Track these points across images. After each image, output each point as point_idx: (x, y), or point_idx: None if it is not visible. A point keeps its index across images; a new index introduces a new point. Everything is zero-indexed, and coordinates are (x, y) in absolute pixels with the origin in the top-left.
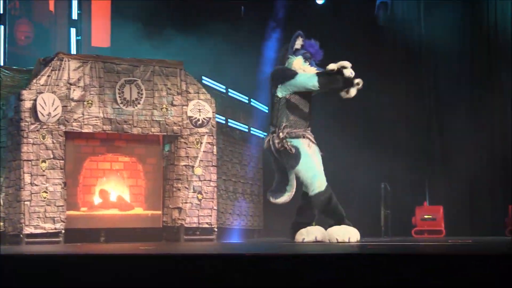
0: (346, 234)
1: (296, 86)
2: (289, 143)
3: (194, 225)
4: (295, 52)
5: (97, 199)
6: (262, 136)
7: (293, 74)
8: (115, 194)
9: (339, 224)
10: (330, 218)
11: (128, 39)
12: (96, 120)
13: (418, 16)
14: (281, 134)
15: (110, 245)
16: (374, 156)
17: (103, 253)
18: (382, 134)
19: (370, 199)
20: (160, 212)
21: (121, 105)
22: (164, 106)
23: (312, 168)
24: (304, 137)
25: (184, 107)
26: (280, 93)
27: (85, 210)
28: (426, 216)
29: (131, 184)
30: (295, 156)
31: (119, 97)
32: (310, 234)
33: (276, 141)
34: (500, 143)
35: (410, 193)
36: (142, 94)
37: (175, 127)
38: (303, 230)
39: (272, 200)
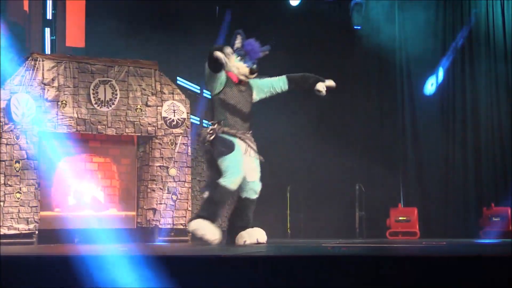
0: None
1: (207, 77)
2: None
3: (169, 226)
4: (235, 51)
5: (71, 200)
6: None
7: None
8: (89, 194)
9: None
10: (202, 211)
11: (103, 39)
12: (70, 120)
13: (392, 17)
14: (216, 128)
15: (84, 246)
16: (349, 158)
17: (77, 254)
18: (357, 135)
19: (344, 201)
20: (134, 213)
21: (96, 106)
22: (139, 106)
23: (238, 165)
24: (241, 139)
25: (158, 107)
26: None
27: (59, 210)
28: (400, 218)
29: (105, 184)
30: (229, 146)
31: (94, 97)
32: (252, 236)
33: (209, 132)
34: (473, 145)
35: (385, 195)
36: (116, 94)
37: (149, 128)
38: (243, 233)
39: (204, 196)
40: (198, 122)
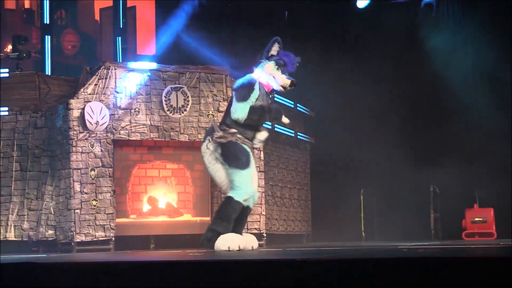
0: (226, 244)
1: (234, 107)
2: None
3: (243, 231)
4: (269, 57)
5: (146, 206)
6: (309, 140)
7: (242, 97)
8: (164, 201)
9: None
10: (216, 226)
11: (173, 46)
12: (143, 127)
13: (463, 17)
14: (233, 131)
15: (160, 251)
16: (422, 159)
17: (154, 260)
18: (430, 136)
19: (419, 202)
20: (208, 218)
21: (168, 112)
22: (211, 112)
23: (252, 182)
24: (252, 148)
25: None
26: None
27: (135, 217)
28: (476, 219)
29: (179, 190)
30: (246, 159)
31: (166, 104)
32: (235, 242)
33: (226, 135)
34: None
35: (460, 196)
36: (188, 101)
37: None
38: (226, 237)
39: None
40: (270, 127)
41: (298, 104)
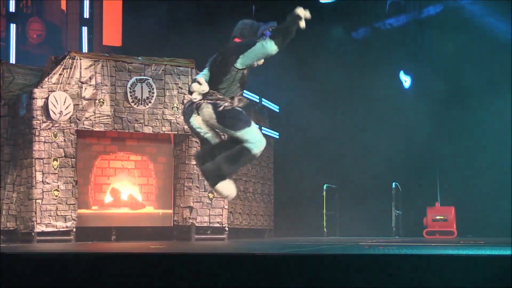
0: (227, 192)
1: (256, 53)
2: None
3: (205, 224)
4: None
5: (108, 198)
6: (273, 135)
7: (254, 42)
8: (126, 193)
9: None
10: (224, 165)
11: (139, 38)
12: (107, 118)
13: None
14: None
15: (120, 243)
16: (386, 157)
17: (114, 251)
18: (394, 135)
19: (381, 200)
20: (171, 211)
21: (133, 104)
22: (175, 105)
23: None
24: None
25: None
26: (240, 64)
27: (96, 208)
28: (437, 217)
29: (142, 183)
30: (245, 116)
31: (130, 96)
32: (233, 192)
33: (226, 104)
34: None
35: (422, 194)
36: (153, 93)
37: (186, 126)
38: (228, 186)
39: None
40: None
41: (263, 99)
